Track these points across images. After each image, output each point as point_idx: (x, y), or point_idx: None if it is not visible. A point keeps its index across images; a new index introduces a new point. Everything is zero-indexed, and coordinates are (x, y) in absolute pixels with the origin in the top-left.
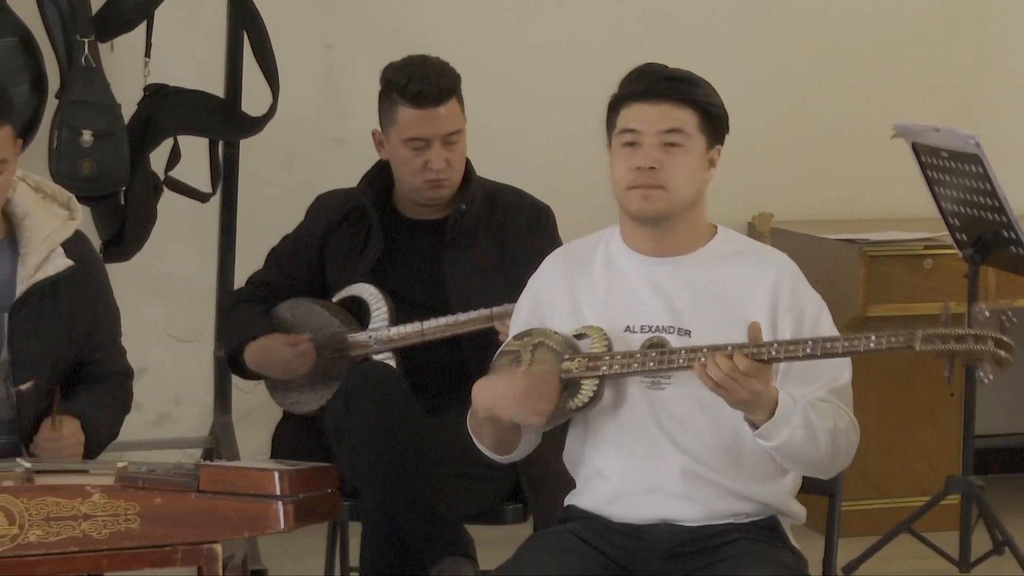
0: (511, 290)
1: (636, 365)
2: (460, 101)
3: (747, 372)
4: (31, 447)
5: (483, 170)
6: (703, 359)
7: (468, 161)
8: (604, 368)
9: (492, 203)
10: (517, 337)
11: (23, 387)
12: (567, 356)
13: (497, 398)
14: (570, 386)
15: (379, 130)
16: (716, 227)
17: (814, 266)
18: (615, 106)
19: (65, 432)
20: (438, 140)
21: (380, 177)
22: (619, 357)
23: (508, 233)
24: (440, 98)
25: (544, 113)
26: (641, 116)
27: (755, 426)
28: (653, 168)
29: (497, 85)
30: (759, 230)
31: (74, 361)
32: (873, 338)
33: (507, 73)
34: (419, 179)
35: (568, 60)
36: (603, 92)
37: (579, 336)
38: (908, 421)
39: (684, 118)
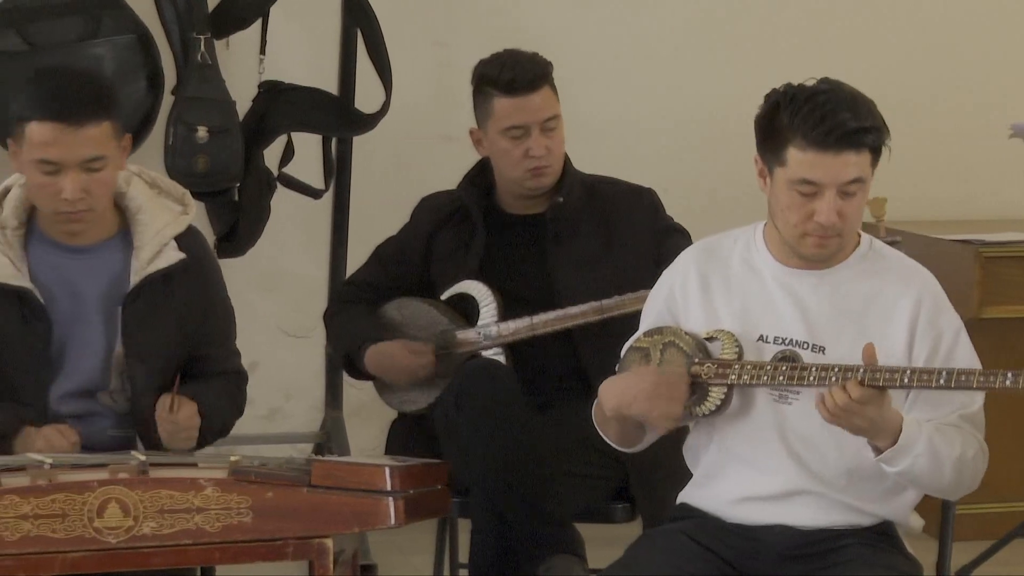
0: (619, 279)
1: (766, 378)
2: (553, 88)
3: (861, 400)
4: (151, 433)
5: (588, 168)
6: (824, 389)
7: (566, 155)
8: (733, 377)
9: (591, 193)
10: (647, 334)
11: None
12: (697, 359)
13: (625, 397)
14: (698, 390)
15: (476, 128)
16: (859, 234)
17: (927, 267)
18: (781, 138)
19: (182, 415)
20: (536, 126)
21: (481, 176)
22: (749, 367)
23: (611, 220)
24: (534, 84)
25: (653, 110)
26: (822, 169)
27: (879, 450)
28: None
29: (607, 81)
30: (875, 214)
31: (187, 355)
32: (1010, 376)
33: (617, 69)
34: (520, 168)
35: (678, 56)
36: (710, 87)
37: (710, 339)
38: None
39: (863, 164)
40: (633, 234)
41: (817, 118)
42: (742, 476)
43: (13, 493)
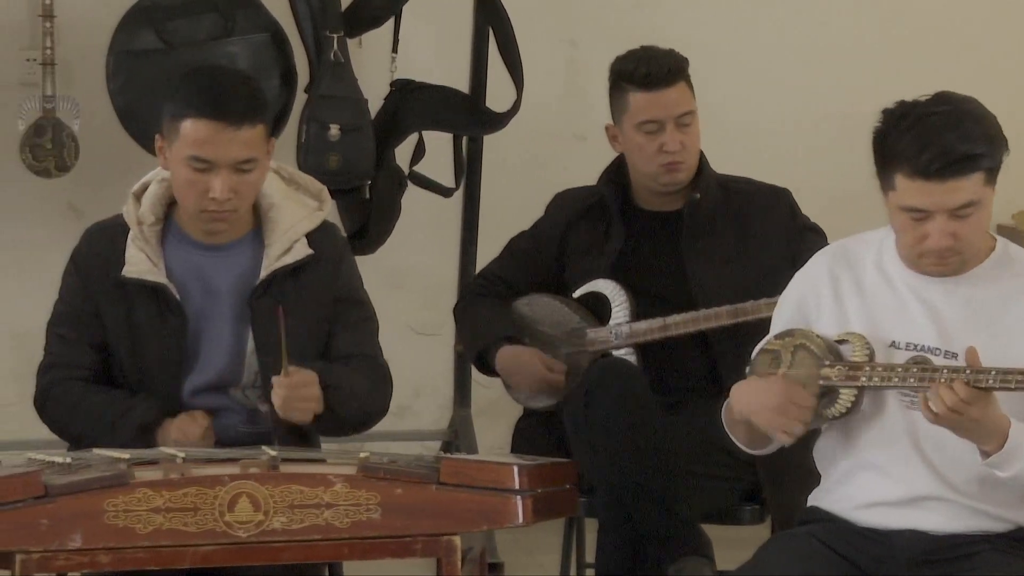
0: (755, 279)
1: (896, 380)
2: (689, 84)
3: (967, 400)
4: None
5: (721, 167)
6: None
7: (702, 153)
8: (863, 379)
9: (727, 192)
10: (778, 336)
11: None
12: (827, 362)
13: (752, 405)
14: (828, 393)
15: (612, 124)
16: (995, 238)
17: None
18: (890, 163)
19: (296, 378)
20: (671, 121)
21: (619, 172)
22: (880, 369)
23: (748, 220)
24: (670, 79)
25: (787, 108)
26: (929, 198)
27: (987, 455)
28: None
29: (738, 80)
30: (1020, 229)
31: (320, 349)
32: None
33: (750, 68)
34: (654, 164)
35: (808, 55)
36: (844, 85)
37: (840, 341)
38: None
39: (974, 187)
40: (769, 233)
41: (921, 145)
42: (872, 480)
43: (146, 486)
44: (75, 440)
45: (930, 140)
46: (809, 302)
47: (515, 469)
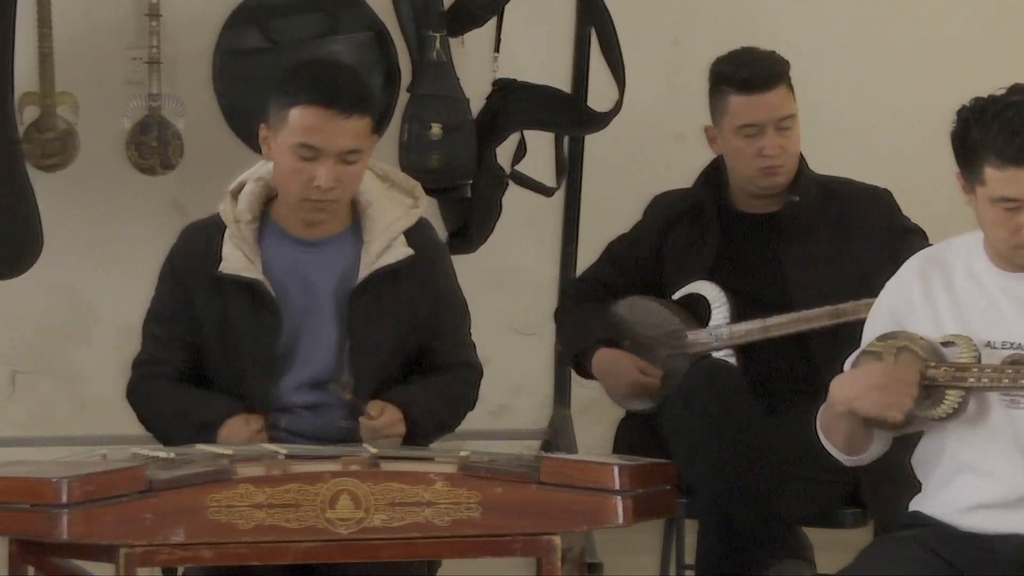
0: (855, 281)
1: (1006, 380)
2: (791, 87)
3: None
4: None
5: (824, 168)
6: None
7: (801, 155)
8: (971, 380)
9: (827, 193)
10: (881, 338)
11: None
12: (932, 364)
13: (855, 389)
14: (933, 395)
15: (711, 126)
16: None
17: None
18: (975, 156)
19: (382, 421)
20: (771, 125)
21: (716, 174)
22: (988, 371)
23: (848, 221)
24: (770, 82)
25: (887, 107)
26: (1020, 185)
27: None
28: None
29: (841, 79)
30: None
31: (415, 348)
32: None
33: (851, 67)
34: (753, 167)
35: (912, 53)
36: (947, 85)
37: (946, 344)
38: None
39: None
40: (869, 235)
41: (1008, 133)
42: (975, 483)
43: (248, 482)
44: (157, 435)
45: (1016, 127)
46: (902, 309)
47: (615, 469)
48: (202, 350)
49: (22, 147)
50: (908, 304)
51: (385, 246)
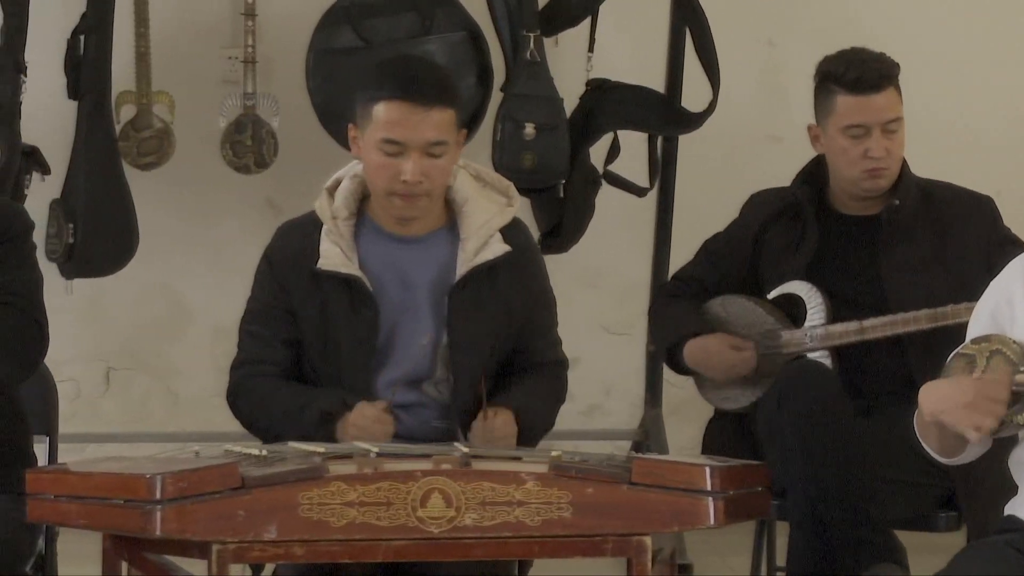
0: (953, 286)
1: None
2: (898, 90)
3: None
4: (468, 436)
5: (923, 170)
6: None
7: (904, 159)
8: None
9: (928, 198)
10: (975, 341)
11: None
12: (1023, 368)
13: (943, 403)
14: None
15: (815, 124)
16: None
17: None
18: None
19: (498, 423)
20: (877, 127)
21: (816, 173)
22: None
23: (948, 227)
24: (879, 84)
25: (992, 111)
26: None
27: None
28: None
29: (941, 81)
30: None
31: (511, 347)
32: None
33: (952, 69)
34: (857, 169)
35: (1017, 54)
36: None
37: None
38: None
39: None
40: (969, 242)
41: None
42: None
43: (340, 480)
44: (264, 434)
45: None
46: (1003, 311)
47: (707, 470)
48: (301, 347)
49: (119, 146)
50: (1009, 304)
51: (482, 243)
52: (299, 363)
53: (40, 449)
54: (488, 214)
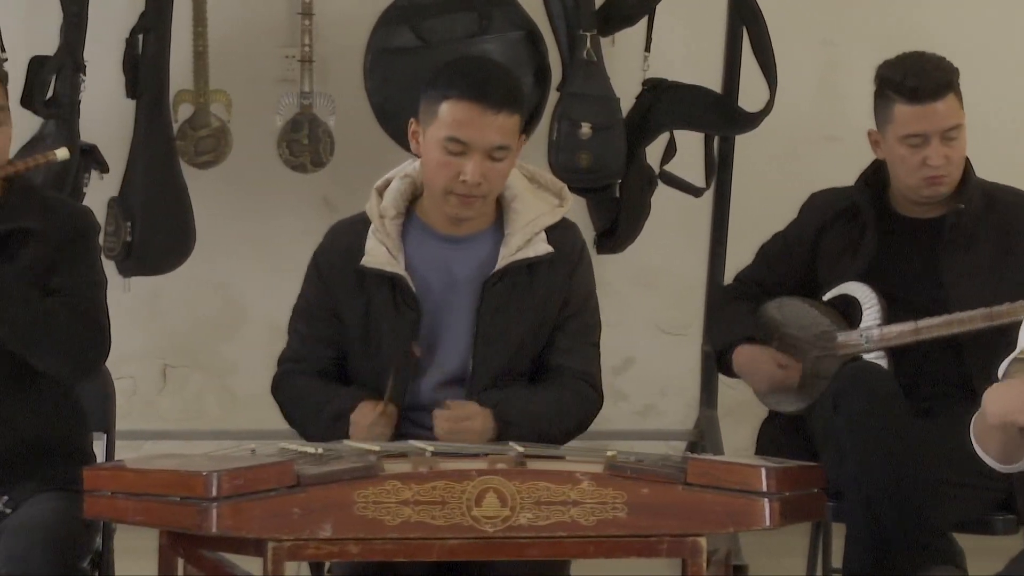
0: (1015, 292)
1: None
2: (958, 96)
3: None
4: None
5: (985, 171)
6: None
7: (967, 160)
8: None
9: (991, 202)
10: None
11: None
12: None
13: (1013, 403)
14: None
15: (875, 130)
16: None
17: None
18: None
19: (455, 413)
20: (936, 135)
21: (876, 176)
22: None
23: (1011, 232)
24: (938, 92)
25: None
26: None
27: None
28: None
29: (1002, 83)
30: None
31: (540, 347)
32: None
33: (1014, 69)
34: (916, 176)
35: None
36: None
37: None
38: None
39: None
40: None
41: None
42: None
43: (395, 479)
44: (299, 431)
45: None
46: None
47: (763, 471)
48: (345, 348)
49: (176, 144)
50: None
51: (526, 239)
52: (342, 362)
53: (98, 446)
54: (536, 211)
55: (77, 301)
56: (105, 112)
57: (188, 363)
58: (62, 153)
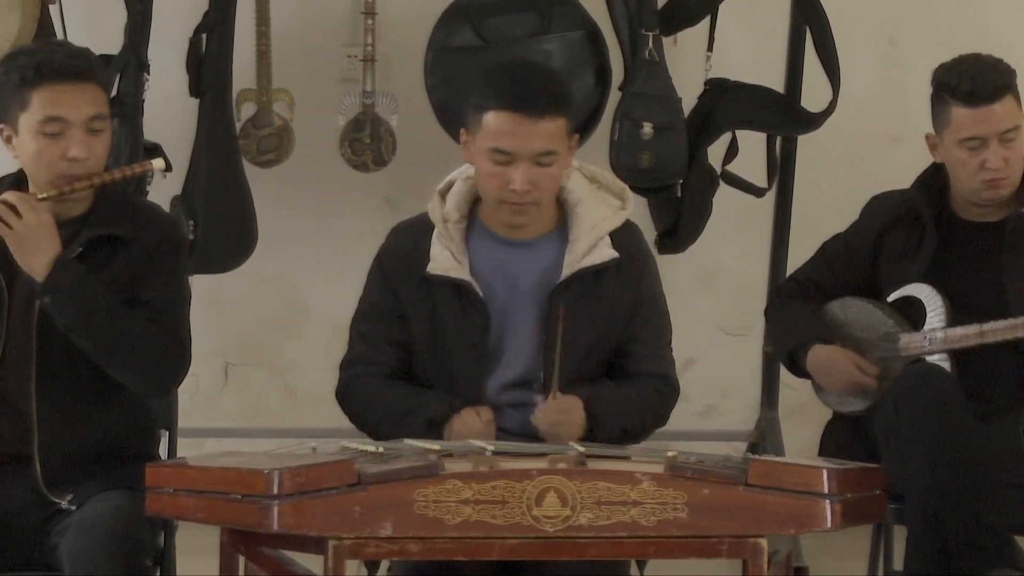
0: None
1: None
2: (1016, 97)
3: None
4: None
5: None
6: None
7: None
8: None
9: None
10: None
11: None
12: None
13: None
14: None
15: (932, 134)
16: None
17: None
18: None
19: (560, 405)
20: (994, 138)
21: (935, 178)
22: None
23: None
24: (995, 95)
25: None
26: None
27: None
28: None
29: None
30: None
31: (612, 352)
32: None
33: None
34: (975, 180)
35: None
36: None
37: None
38: None
39: None
40: None
41: None
42: None
43: (456, 478)
44: (373, 434)
45: None
46: None
47: (825, 473)
48: (411, 349)
49: (239, 143)
50: None
51: (591, 245)
52: (408, 364)
53: (160, 443)
54: (599, 216)
55: (162, 318)
56: (168, 111)
57: (250, 361)
58: (159, 163)
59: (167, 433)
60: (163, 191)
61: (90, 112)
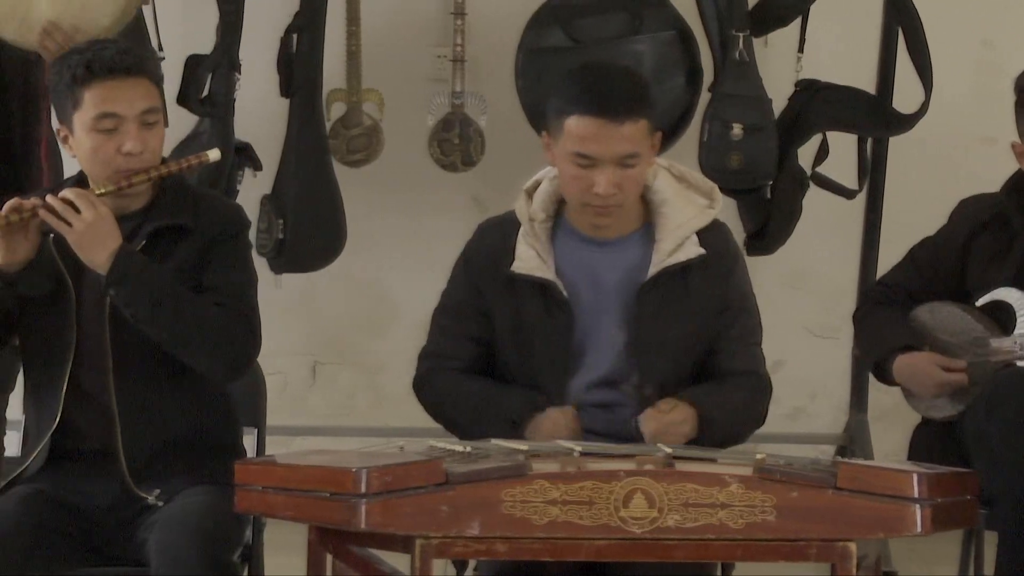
0: None
1: None
2: None
3: None
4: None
5: None
6: None
7: None
8: None
9: None
10: None
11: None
12: None
13: None
14: None
15: (1019, 142)
16: None
17: None
18: None
19: (673, 415)
20: None
21: (1023, 184)
22: None
23: None
24: None
25: None
26: None
27: None
28: None
29: None
30: None
31: (703, 350)
32: None
33: None
34: None
35: None
36: None
37: None
38: None
39: None
40: None
41: None
42: None
43: (543, 478)
44: (449, 427)
45: None
46: None
47: (915, 477)
48: (493, 347)
49: (329, 143)
50: None
51: (677, 244)
52: (488, 360)
53: (248, 441)
54: (686, 215)
55: (229, 300)
56: (259, 110)
57: (338, 360)
58: (214, 154)
59: (256, 431)
60: (253, 190)
61: (143, 106)
